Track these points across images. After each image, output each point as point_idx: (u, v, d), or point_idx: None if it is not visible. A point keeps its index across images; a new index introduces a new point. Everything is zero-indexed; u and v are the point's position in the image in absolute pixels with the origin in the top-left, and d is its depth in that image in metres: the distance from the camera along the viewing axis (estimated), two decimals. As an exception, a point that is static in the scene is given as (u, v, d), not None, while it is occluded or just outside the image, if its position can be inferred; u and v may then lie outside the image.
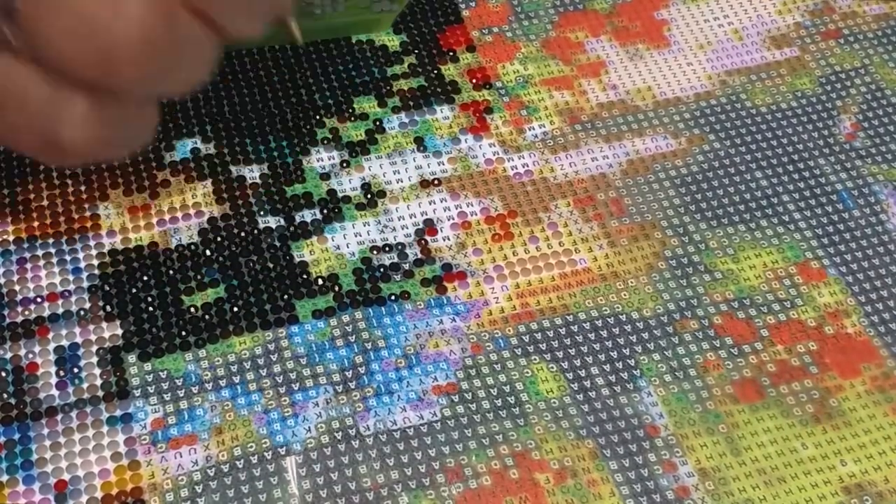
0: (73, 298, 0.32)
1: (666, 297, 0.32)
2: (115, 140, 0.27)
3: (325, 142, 0.36)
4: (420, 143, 0.36)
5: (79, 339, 0.31)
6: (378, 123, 0.36)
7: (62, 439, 0.29)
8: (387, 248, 0.33)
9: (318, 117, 0.36)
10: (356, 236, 0.34)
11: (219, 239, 0.33)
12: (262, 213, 0.34)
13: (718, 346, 0.32)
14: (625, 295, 0.33)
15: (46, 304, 0.32)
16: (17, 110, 0.25)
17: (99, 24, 0.23)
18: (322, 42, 0.38)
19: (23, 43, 0.24)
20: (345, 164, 0.35)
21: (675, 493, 0.29)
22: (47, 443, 0.29)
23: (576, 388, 0.31)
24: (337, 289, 0.32)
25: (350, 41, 0.38)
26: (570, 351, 0.31)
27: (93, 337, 0.31)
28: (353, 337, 0.31)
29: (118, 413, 0.30)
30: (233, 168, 0.35)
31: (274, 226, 0.34)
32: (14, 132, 0.27)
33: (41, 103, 0.25)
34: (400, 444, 0.30)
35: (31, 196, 0.34)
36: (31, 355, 0.31)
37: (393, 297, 0.32)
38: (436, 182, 0.35)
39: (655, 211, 0.34)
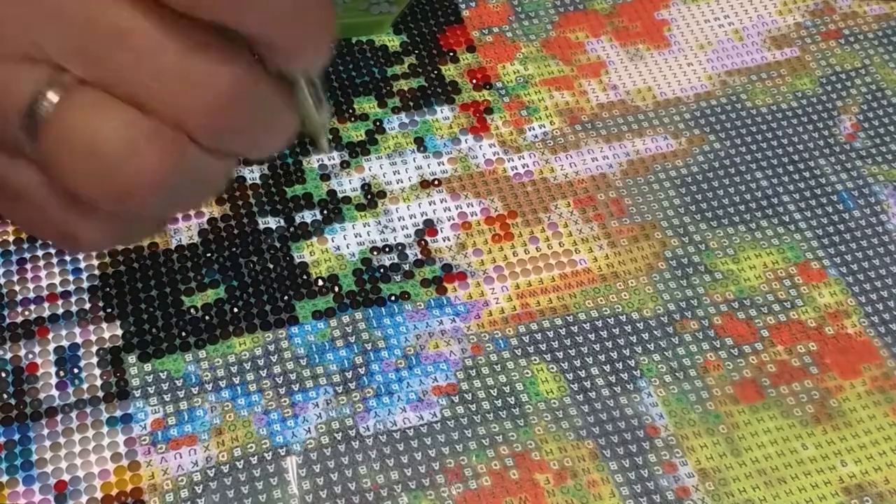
0: (73, 298, 0.32)
1: (666, 298, 0.32)
2: (128, 237, 0.29)
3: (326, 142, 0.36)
4: (420, 143, 0.36)
5: (79, 340, 0.31)
6: (378, 124, 0.36)
7: (62, 440, 0.29)
8: (387, 249, 0.33)
9: (318, 118, 0.36)
10: (356, 237, 0.34)
11: (219, 239, 0.33)
12: (262, 213, 0.34)
13: (718, 346, 0.31)
14: (625, 295, 0.32)
15: (46, 305, 0.32)
16: (34, 210, 0.27)
17: (113, 164, 0.24)
18: (322, 42, 0.38)
19: (40, 158, 0.25)
20: (345, 165, 0.35)
21: (675, 493, 0.29)
22: (47, 443, 0.29)
23: (576, 389, 0.31)
24: (337, 289, 0.32)
25: (350, 42, 0.38)
26: (570, 351, 0.31)
27: (93, 337, 0.31)
28: (353, 338, 0.31)
29: (118, 413, 0.30)
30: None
31: (274, 226, 0.34)
32: (33, 224, 0.28)
33: (57, 205, 0.26)
34: (400, 444, 0.30)
35: None
36: (31, 356, 0.31)
37: (393, 298, 0.32)
38: (436, 182, 0.35)
39: (655, 211, 0.34)
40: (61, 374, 0.31)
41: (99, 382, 0.30)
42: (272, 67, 0.26)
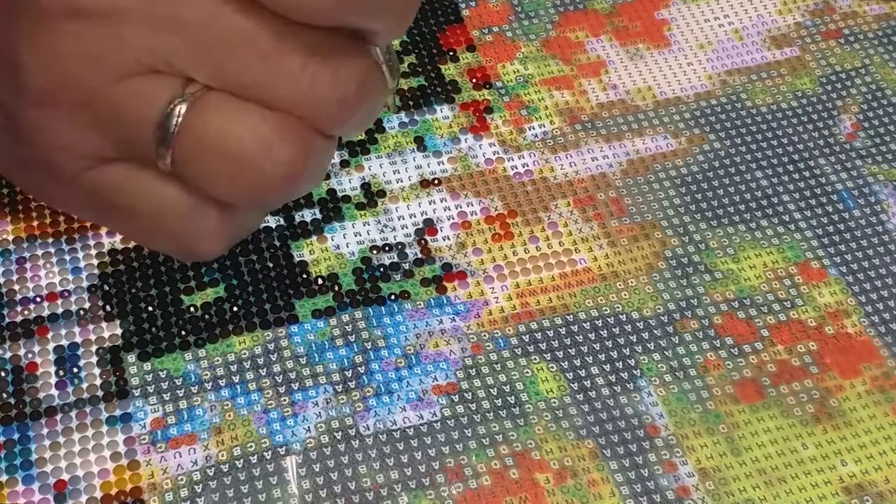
0: (73, 298, 0.32)
1: (666, 297, 0.32)
2: (238, 237, 0.31)
3: (325, 141, 0.36)
4: (420, 142, 0.36)
5: (78, 339, 0.31)
6: (378, 123, 0.36)
7: (62, 439, 0.29)
8: (387, 248, 0.33)
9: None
10: (356, 236, 0.34)
11: (218, 238, 0.33)
12: (261, 212, 0.34)
13: (718, 345, 0.31)
14: (625, 295, 0.32)
15: (46, 304, 0.32)
16: (154, 221, 0.28)
17: (250, 165, 0.25)
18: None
19: (169, 166, 0.26)
20: (345, 164, 0.35)
21: (675, 493, 0.29)
22: (47, 443, 0.29)
23: (576, 388, 0.31)
24: (337, 288, 0.32)
25: (350, 41, 0.38)
26: (570, 351, 0.31)
27: (92, 337, 0.31)
28: (353, 337, 0.31)
29: (118, 413, 0.30)
30: (232, 168, 0.35)
31: (273, 225, 0.34)
32: (148, 237, 0.30)
33: (177, 218, 0.27)
34: (400, 443, 0.30)
35: (31, 195, 0.34)
36: (30, 355, 0.31)
37: (393, 297, 0.32)
38: (436, 182, 0.35)
39: (655, 211, 0.34)
40: (61, 373, 0.31)
41: (98, 382, 0.30)
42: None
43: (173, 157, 0.26)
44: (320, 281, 0.33)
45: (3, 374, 0.31)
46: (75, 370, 0.31)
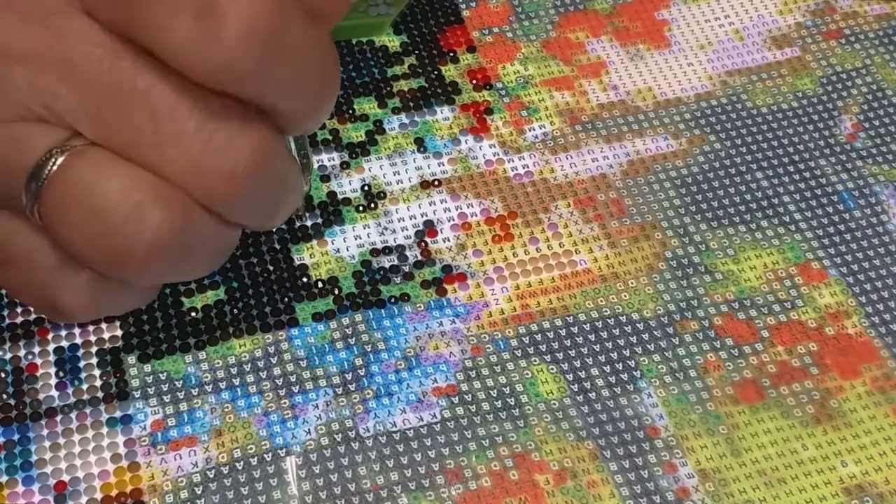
0: (73, 300, 0.32)
1: (666, 298, 0.32)
2: (111, 307, 0.29)
3: (325, 143, 0.36)
4: (420, 144, 0.36)
5: (78, 340, 0.31)
6: (378, 124, 0.36)
7: (62, 440, 0.29)
8: (387, 251, 0.33)
9: (318, 118, 0.36)
10: (356, 239, 0.34)
11: (219, 240, 0.33)
12: (262, 214, 0.34)
13: (719, 346, 0.31)
14: (625, 296, 0.32)
15: (46, 306, 0.32)
16: (22, 272, 0.26)
17: (114, 224, 0.23)
18: (322, 43, 0.38)
19: (38, 218, 0.25)
20: (345, 166, 0.35)
21: (675, 494, 0.29)
22: (47, 444, 0.29)
23: (576, 390, 0.31)
24: (337, 291, 0.32)
25: (350, 42, 0.38)
26: (570, 352, 0.31)
27: (92, 338, 0.31)
28: (353, 339, 0.31)
29: (118, 414, 0.30)
30: (233, 169, 0.35)
31: (273, 228, 0.34)
32: (17, 288, 0.28)
33: (45, 271, 0.26)
34: (400, 445, 0.30)
35: None
36: (30, 356, 0.31)
37: (393, 300, 0.32)
38: (436, 183, 0.35)
39: (656, 211, 0.34)
40: (61, 374, 0.31)
41: (98, 383, 0.30)
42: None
43: (40, 210, 0.24)
44: (320, 284, 0.33)
45: (3, 375, 0.31)
46: (75, 371, 0.31)
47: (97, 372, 0.31)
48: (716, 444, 0.30)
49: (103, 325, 0.32)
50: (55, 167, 0.24)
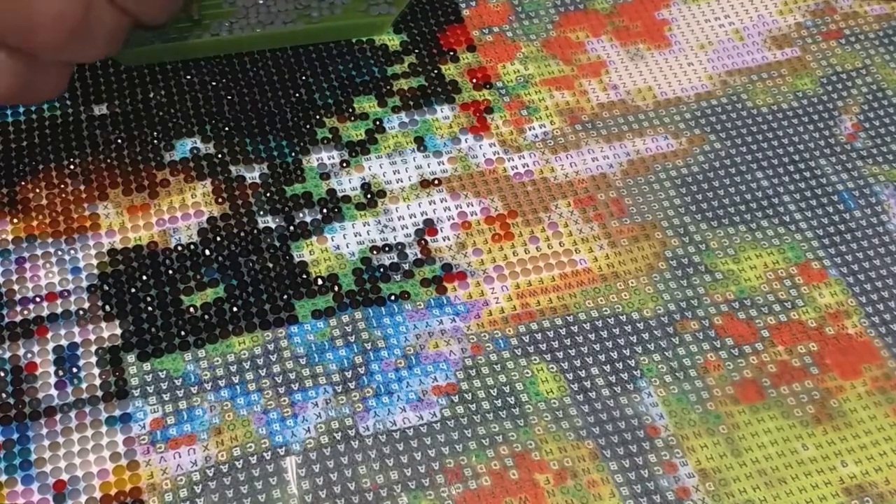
0: (73, 298, 0.32)
1: (666, 298, 0.32)
2: (26, 90, 0.30)
3: (325, 141, 0.36)
4: (420, 142, 0.36)
5: (78, 339, 0.31)
6: (378, 123, 0.36)
7: (61, 439, 0.29)
8: (387, 248, 0.33)
9: (318, 117, 0.36)
10: (356, 236, 0.34)
11: (218, 239, 0.33)
12: (261, 212, 0.34)
13: (719, 346, 0.31)
14: (625, 295, 0.32)
15: (45, 304, 0.32)
16: None
17: (22, 2, 0.27)
18: (322, 42, 0.38)
19: None
20: (345, 164, 0.35)
21: (675, 493, 0.29)
22: (46, 443, 0.29)
23: (576, 389, 0.31)
24: (337, 289, 0.32)
25: (350, 41, 0.38)
26: (570, 351, 0.31)
27: (92, 337, 0.31)
28: (353, 337, 0.31)
29: (117, 413, 0.30)
30: (232, 168, 0.35)
31: (273, 226, 0.34)
32: None
33: None
34: (399, 444, 0.29)
35: (31, 195, 0.34)
36: (30, 355, 0.31)
37: (393, 298, 0.32)
38: (436, 182, 0.35)
39: (656, 211, 0.34)
40: (60, 373, 0.31)
41: (98, 382, 0.30)
42: None
43: None
44: (320, 281, 0.32)
45: (2, 374, 0.30)
46: (75, 370, 0.31)
47: (96, 371, 0.31)
48: (716, 444, 0.30)
49: (103, 325, 0.31)
50: None
